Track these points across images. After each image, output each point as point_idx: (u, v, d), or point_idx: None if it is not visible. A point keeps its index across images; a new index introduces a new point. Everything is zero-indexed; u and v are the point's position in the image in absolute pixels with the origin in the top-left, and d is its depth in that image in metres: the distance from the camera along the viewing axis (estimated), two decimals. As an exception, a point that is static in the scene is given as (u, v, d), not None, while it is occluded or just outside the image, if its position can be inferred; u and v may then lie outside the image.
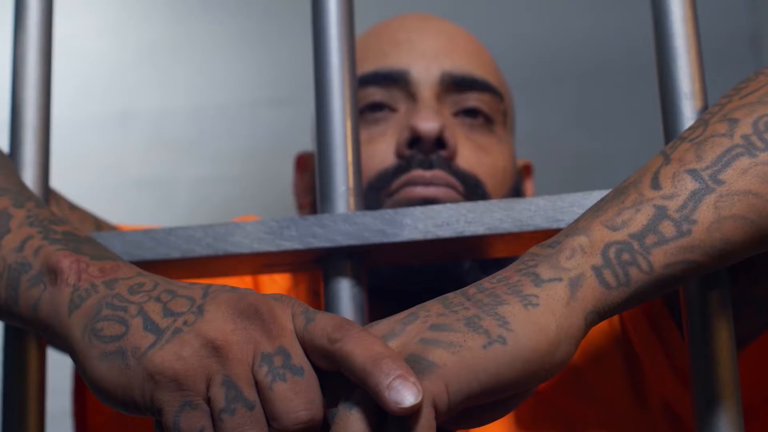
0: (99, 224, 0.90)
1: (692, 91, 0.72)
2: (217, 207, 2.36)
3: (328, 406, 0.57)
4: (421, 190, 0.87)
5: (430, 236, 0.72)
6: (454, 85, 0.92)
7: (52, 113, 0.80)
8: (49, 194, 0.79)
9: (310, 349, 0.57)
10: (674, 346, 0.83)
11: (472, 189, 0.88)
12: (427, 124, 0.87)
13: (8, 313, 0.65)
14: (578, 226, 0.60)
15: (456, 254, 0.75)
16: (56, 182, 0.94)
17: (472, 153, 0.90)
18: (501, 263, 0.92)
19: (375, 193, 0.91)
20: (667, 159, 0.62)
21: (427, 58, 0.93)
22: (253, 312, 0.57)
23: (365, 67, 0.97)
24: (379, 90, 0.91)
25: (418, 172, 0.88)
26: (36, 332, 0.64)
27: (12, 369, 0.76)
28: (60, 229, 0.67)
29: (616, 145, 2.25)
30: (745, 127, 0.61)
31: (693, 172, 0.60)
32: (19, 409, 0.76)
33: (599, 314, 0.58)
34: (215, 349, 0.56)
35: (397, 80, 0.92)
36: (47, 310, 0.62)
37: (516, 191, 0.96)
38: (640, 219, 0.59)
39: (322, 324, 0.56)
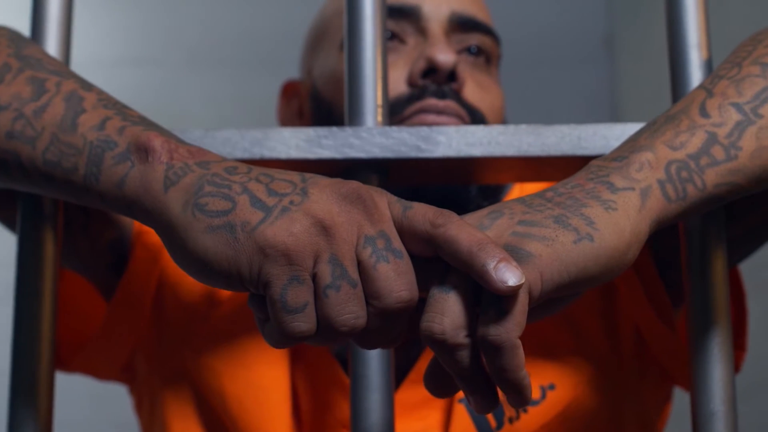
0: None
1: (699, 42, 0.78)
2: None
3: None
4: (433, 118, 0.91)
5: (462, 154, 0.75)
6: (460, 24, 0.97)
7: None
8: None
9: (407, 235, 0.60)
10: (649, 278, 0.91)
11: (478, 122, 0.93)
12: (445, 56, 0.92)
13: (85, 189, 0.64)
14: (639, 144, 0.66)
15: (479, 176, 0.79)
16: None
17: (476, 89, 0.95)
18: (497, 192, 0.97)
19: None
20: (709, 93, 0.69)
21: None
22: (356, 197, 0.59)
23: None
24: (390, 22, 0.94)
25: (432, 101, 0.92)
26: (115, 209, 0.64)
27: (28, 260, 0.75)
28: (134, 113, 0.67)
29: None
30: None
31: (736, 105, 0.68)
32: (35, 300, 0.75)
33: (658, 224, 0.64)
34: (323, 228, 0.58)
35: (409, 14, 0.96)
36: (135, 187, 0.62)
37: None
38: (695, 142, 0.66)
39: (422, 211, 0.60)
